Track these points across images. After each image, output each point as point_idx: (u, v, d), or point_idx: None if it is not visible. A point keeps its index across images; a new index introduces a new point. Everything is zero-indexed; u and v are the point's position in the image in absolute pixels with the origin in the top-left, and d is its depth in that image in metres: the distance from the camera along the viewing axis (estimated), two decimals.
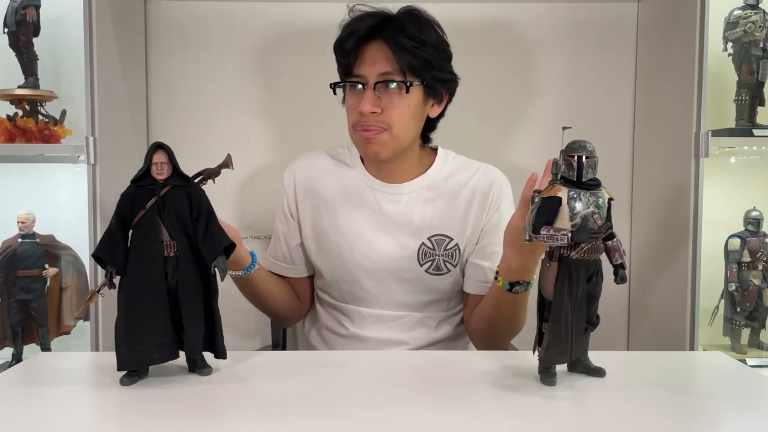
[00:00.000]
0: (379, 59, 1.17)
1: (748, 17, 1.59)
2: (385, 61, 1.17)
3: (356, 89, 1.19)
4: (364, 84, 1.18)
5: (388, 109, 1.17)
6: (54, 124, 1.58)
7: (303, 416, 0.75)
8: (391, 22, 1.18)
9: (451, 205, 1.26)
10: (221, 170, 0.99)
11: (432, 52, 1.18)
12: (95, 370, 0.95)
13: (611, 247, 0.84)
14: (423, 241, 1.25)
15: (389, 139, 1.19)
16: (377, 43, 1.17)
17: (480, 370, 0.92)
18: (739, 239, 1.65)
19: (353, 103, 1.20)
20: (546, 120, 1.79)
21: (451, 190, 1.27)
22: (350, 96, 1.21)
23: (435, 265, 1.26)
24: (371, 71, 1.17)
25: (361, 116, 1.17)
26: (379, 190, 1.27)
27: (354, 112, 1.20)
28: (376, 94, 1.17)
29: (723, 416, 0.79)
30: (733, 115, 1.64)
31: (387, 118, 1.18)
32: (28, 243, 1.57)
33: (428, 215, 1.26)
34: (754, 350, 1.66)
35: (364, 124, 1.18)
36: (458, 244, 1.26)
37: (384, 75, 1.17)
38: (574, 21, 1.78)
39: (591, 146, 0.82)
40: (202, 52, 1.77)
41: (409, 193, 1.27)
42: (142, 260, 0.86)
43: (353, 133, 1.22)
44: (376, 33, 1.17)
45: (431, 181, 1.28)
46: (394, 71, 1.17)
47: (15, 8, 1.56)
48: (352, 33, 1.18)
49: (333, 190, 1.29)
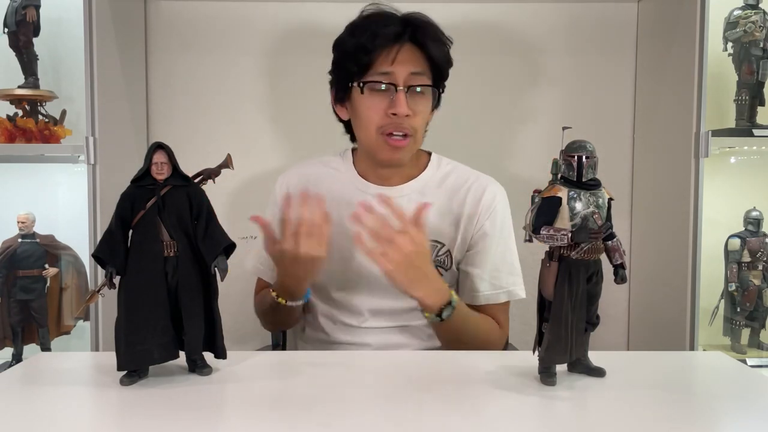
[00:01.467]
0: (410, 59, 1.16)
1: (748, 17, 1.59)
2: (416, 62, 1.17)
3: (380, 89, 1.17)
4: (393, 84, 1.16)
5: (416, 113, 1.17)
6: (54, 124, 1.58)
7: (303, 416, 0.75)
8: (416, 27, 1.17)
9: (443, 211, 1.25)
10: (221, 170, 0.99)
11: (450, 57, 1.21)
12: (95, 370, 0.94)
13: (611, 247, 0.84)
14: None
15: (412, 145, 1.20)
16: (407, 41, 1.17)
17: (480, 370, 0.92)
18: (739, 239, 1.65)
19: (376, 103, 1.17)
20: (546, 120, 1.79)
21: (443, 196, 1.26)
22: (372, 96, 1.18)
23: None
24: (402, 71, 1.16)
25: (394, 118, 1.15)
26: (371, 194, 1.24)
27: (379, 112, 1.17)
28: (406, 96, 1.16)
29: (723, 416, 0.79)
30: (733, 115, 1.64)
31: (414, 123, 1.17)
32: (28, 243, 1.57)
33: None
34: (754, 350, 1.66)
35: (396, 127, 1.16)
36: (450, 250, 1.25)
37: (414, 76, 1.16)
38: (574, 21, 1.78)
39: (591, 146, 0.82)
40: (202, 52, 1.77)
41: (401, 197, 1.25)
42: (142, 260, 0.86)
43: (377, 135, 1.19)
44: (405, 31, 1.17)
45: (423, 186, 1.27)
46: (424, 72, 1.17)
47: (15, 8, 1.56)
48: (377, 34, 1.16)
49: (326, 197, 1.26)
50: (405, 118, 1.16)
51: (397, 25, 1.17)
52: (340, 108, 1.27)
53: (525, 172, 1.78)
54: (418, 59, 1.17)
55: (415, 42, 1.17)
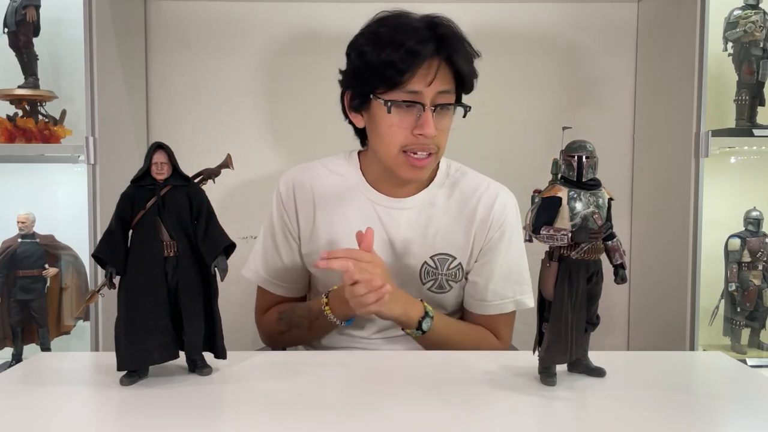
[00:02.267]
0: (439, 77, 1.11)
1: (748, 17, 1.59)
2: (445, 81, 1.12)
3: (407, 107, 1.12)
4: (420, 103, 1.11)
5: (441, 131, 1.14)
6: (54, 124, 1.58)
7: (303, 416, 0.75)
8: (449, 44, 1.11)
9: (453, 223, 1.22)
10: (221, 170, 0.99)
11: (476, 73, 1.17)
12: (95, 370, 0.95)
13: (611, 247, 0.84)
14: (426, 260, 1.21)
15: (432, 162, 1.17)
16: (437, 58, 1.11)
17: (480, 370, 0.92)
18: (739, 239, 1.65)
19: (402, 121, 1.12)
20: (546, 120, 1.79)
21: (453, 207, 1.23)
22: (398, 113, 1.12)
23: (438, 284, 1.22)
24: (430, 90, 1.10)
25: (420, 138, 1.11)
26: (381, 205, 1.22)
27: (404, 131, 1.12)
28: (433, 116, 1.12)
29: (723, 416, 0.79)
30: (733, 115, 1.64)
31: (439, 141, 1.14)
32: (28, 243, 1.57)
33: (431, 233, 1.21)
34: (754, 350, 1.66)
35: (421, 147, 1.12)
36: (461, 263, 1.22)
37: (441, 95, 1.12)
38: (574, 21, 1.78)
39: (591, 146, 0.82)
40: (202, 52, 1.77)
41: (411, 209, 1.22)
42: (142, 260, 0.86)
43: (398, 153, 1.14)
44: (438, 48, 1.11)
45: (433, 197, 1.23)
46: (451, 91, 1.13)
47: (15, 8, 1.56)
48: (412, 51, 1.08)
49: (332, 205, 1.23)
50: (431, 138, 1.12)
51: (432, 41, 1.10)
52: (354, 115, 1.21)
53: (525, 172, 1.78)
54: (447, 76, 1.12)
55: (448, 59, 1.12)
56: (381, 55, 1.10)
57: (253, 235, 1.75)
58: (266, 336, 1.33)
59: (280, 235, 1.26)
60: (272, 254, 1.27)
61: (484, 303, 1.24)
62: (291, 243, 1.26)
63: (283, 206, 1.26)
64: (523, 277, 1.25)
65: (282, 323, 1.25)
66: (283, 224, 1.26)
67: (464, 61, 1.13)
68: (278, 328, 1.26)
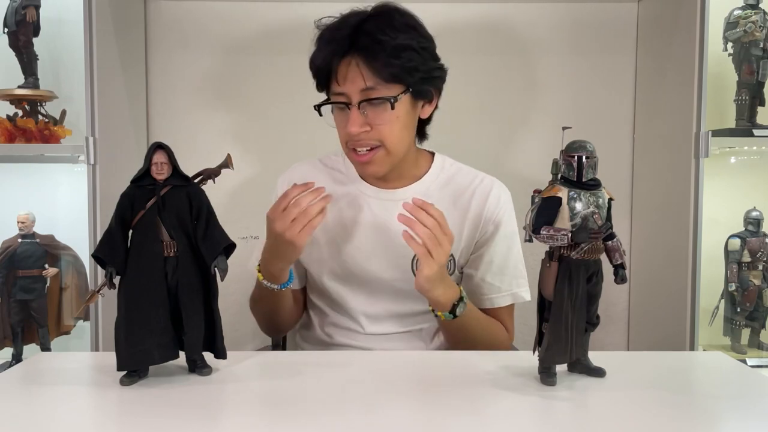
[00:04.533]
0: (358, 76, 1.10)
1: (748, 17, 1.59)
2: (364, 78, 1.10)
3: (341, 107, 1.15)
4: (347, 103, 1.13)
5: (377, 126, 1.13)
6: (54, 124, 1.58)
7: (303, 416, 0.75)
8: (363, 33, 1.10)
9: (446, 215, 1.20)
10: (221, 170, 0.99)
11: (413, 56, 1.11)
12: (95, 370, 0.95)
13: (611, 247, 0.84)
14: None
15: (385, 155, 1.16)
16: (353, 57, 1.11)
17: (480, 370, 0.92)
18: (739, 239, 1.65)
19: (341, 120, 1.16)
20: (546, 120, 1.79)
21: (447, 199, 1.23)
22: (337, 113, 1.17)
23: None
24: (352, 89, 1.11)
25: (351, 135, 1.14)
26: (373, 197, 1.24)
27: (343, 130, 1.16)
28: (362, 112, 1.12)
29: (723, 416, 0.79)
30: (733, 115, 1.64)
31: (378, 135, 1.14)
32: (28, 243, 1.57)
33: None
34: (754, 350, 1.66)
35: (357, 143, 1.15)
36: (453, 254, 1.23)
37: (366, 92, 1.11)
38: (574, 21, 1.78)
39: (591, 146, 0.82)
40: (202, 51, 1.77)
41: (403, 200, 1.20)
42: (142, 260, 0.86)
43: (347, 151, 1.18)
44: (350, 47, 1.11)
45: (426, 189, 1.25)
46: (377, 85, 1.11)
47: (15, 8, 1.56)
48: (322, 49, 1.14)
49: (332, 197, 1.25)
50: (364, 133, 1.13)
51: (343, 40, 1.11)
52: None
53: (525, 172, 1.78)
54: (369, 72, 1.10)
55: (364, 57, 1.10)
56: (313, 60, 1.17)
57: (253, 235, 1.75)
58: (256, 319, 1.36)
59: None
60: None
61: (482, 296, 1.25)
62: None
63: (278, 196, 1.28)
64: (519, 269, 1.26)
65: (251, 300, 1.31)
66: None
67: (383, 55, 1.09)
68: (252, 307, 1.31)
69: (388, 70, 1.10)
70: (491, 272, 1.24)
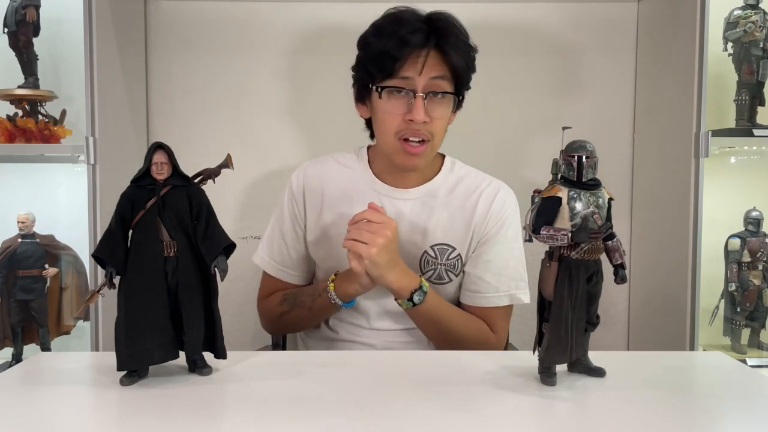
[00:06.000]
0: (431, 65, 1.15)
1: (748, 17, 1.59)
2: (437, 68, 1.16)
3: (399, 94, 1.17)
4: (412, 90, 1.16)
5: (434, 119, 1.17)
6: (54, 124, 1.58)
7: (303, 416, 0.75)
8: (441, 33, 1.16)
9: (454, 215, 1.26)
10: (221, 170, 0.99)
11: (473, 60, 1.21)
12: (95, 370, 0.94)
13: (611, 247, 0.84)
14: (426, 250, 1.24)
15: (429, 151, 1.20)
16: (429, 46, 1.15)
17: (480, 370, 0.92)
18: (739, 239, 1.65)
19: (395, 107, 1.17)
20: (545, 120, 1.79)
21: (455, 201, 1.26)
22: (392, 100, 1.18)
23: (437, 274, 1.25)
24: (422, 78, 1.15)
25: (411, 124, 1.16)
26: (386, 195, 1.26)
27: (397, 118, 1.17)
28: (424, 102, 1.16)
29: (723, 416, 0.79)
30: (733, 115, 1.64)
31: (432, 128, 1.17)
32: (28, 243, 1.57)
33: (432, 223, 1.25)
34: (754, 350, 1.66)
35: (413, 133, 1.17)
36: (460, 254, 1.26)
37: (434, 82, 1.16)
38: (574, 21, 1.78)
39: (591, 146, 0.82)
40: (202, 52, 1.77)
41: (414, 200, 1.26)
42: (142, 260, 0.86)
43: (394, 140, 1.19)
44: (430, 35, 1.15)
45: (435, 189, 1.27)
46: (445, 79, 1.17)
47: (15, 8, 1.56)
48: (404, 41, 1.14)
49: (339, 194, 1.28)
50: (422, 124, 1.16)
51: (423, 32, 1.15)
52: (360, 106, 1.27)
53: (525, 172, 1.78)
54: (440, 65, 1.16)
55: (440, 48, 1.16)
56: (378, 45, 1.17)
57: (253, 235, 1.76)
58: (266, 319, 1.37)
59: (288, 224, 1.31)
60: (279, 242, 1.32)
61: (477, 294, 1.25)
62: (298, 232, 1.31)
63: (293, 196, 1.31)
64: (518, 272, 1.27)
65: (285, 304, 1.30)
66: (292, 214, 1.31)
67: (455, 51, 1.17)
68: (280, 310, 1.30)
69: (460, 68, 1.17)
70: (490, 272, 1.25)
